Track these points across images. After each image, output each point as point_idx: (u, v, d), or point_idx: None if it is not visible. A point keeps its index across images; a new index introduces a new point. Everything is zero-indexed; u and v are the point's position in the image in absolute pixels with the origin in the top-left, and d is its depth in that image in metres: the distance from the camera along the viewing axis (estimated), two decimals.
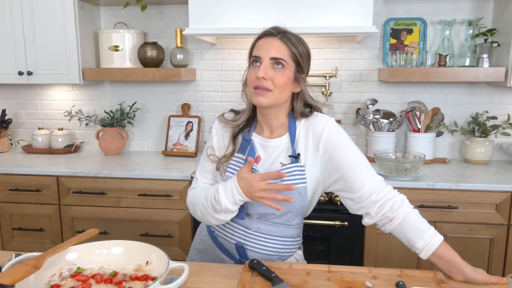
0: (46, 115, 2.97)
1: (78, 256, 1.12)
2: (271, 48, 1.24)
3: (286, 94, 1.28)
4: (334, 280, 1.16)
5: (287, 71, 1.26)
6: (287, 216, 1.33)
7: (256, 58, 1.26)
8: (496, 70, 2.27)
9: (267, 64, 1.24)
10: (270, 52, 1.24)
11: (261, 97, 1.25)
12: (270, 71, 1.24)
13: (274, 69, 1.24)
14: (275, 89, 1.24)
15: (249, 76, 1.28)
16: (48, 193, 2.38)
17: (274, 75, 1.24)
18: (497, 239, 2.11)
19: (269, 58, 1.24)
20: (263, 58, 1.24)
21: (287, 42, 1.25)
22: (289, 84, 1.28)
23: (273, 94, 1.25)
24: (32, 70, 2.57)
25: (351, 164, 1.28)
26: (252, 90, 1.27)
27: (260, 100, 1.25)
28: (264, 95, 1.24)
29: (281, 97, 1.27)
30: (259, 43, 1.28)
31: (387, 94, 2.66)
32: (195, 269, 1.22)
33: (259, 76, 1.23)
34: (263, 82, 1.23)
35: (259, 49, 1.27)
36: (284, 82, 1.25)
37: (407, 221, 1.23)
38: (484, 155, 2.48)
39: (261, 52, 1.25)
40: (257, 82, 1.24)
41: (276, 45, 1.25)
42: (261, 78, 1.23)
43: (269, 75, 1.23)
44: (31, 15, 2.51)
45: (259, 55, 1.25)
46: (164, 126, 2.87)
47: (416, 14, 2.56)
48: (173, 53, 2.62)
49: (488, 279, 1.16)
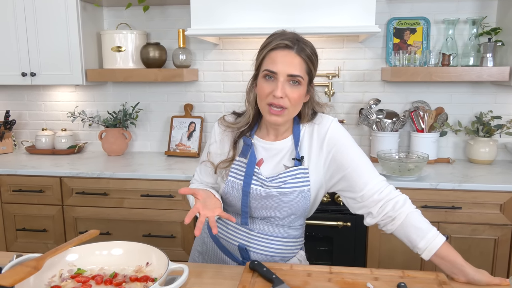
0: (49, 116, 2.98)
1: (78, 257, 1.12)
2: (290, 66, 1.19)
3: (299, 108, 1.27)
4: (335, 281, 1.15)
5: (302, 86, 1.23)
6: (290, 218, 1.33)
7: (271, 73, 1.20)
8: (500, 70, 2.25)
9: (283, 80, 1.19)
10: (288, 70, 1.19)
11: (276, 117, 1.22)
12: (287, 88, 1.20)
13: (290, 86, 1.21)
14: (290, 107, 1.22)
15: (262, 91, 1.22)
16: (51, 194, 2.39)
17: (290, 92, 1.20)
18: (502, 240, 2.09)
19: (287, 75, 1.19)
20: (280, 75, 1.19)
21: (304, 57, 1.21)
22: (303, 98, 1.26)
23: (288, 112, 1.23)
24: (35, 71, 2.58)
25: (353, 164, 1.27)
26: (266, 107, 1.23)
27: (276, 120, 1.23)
28: (280, 116, 1.22)
29: (295, 112, 1.26)
30: (274, 56, 1.21)
31: (390, 94, 2.65)
32: (195, 270, 1.22)
33: (277, 95, 1.18)
34: (280, 100, 1.20)
35: (274, 63, 1.20)
36: (299, 98, 1.23)
37: (409, 221, 1.22)
38: (489, 155, 2.46)
39: (277, 67, 1.19)
40: (272, 99, 1.20)
41: (295, 61, 1.19)
42: (279, 97, 1.19)
43: (285, 92, 1.20)
44: (34, 17, 2.52)
45: (275, 71, 1.19)
46: (167, 126, 2.87)
47: (420, 14, 2.54)
48: (175, 53, 2.62)
49: (490, 280, 1.15)
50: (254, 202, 1.30)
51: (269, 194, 1.28)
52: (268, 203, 1.29)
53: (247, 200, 1.30)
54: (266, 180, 1.28)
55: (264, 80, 1.22)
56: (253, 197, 1.29)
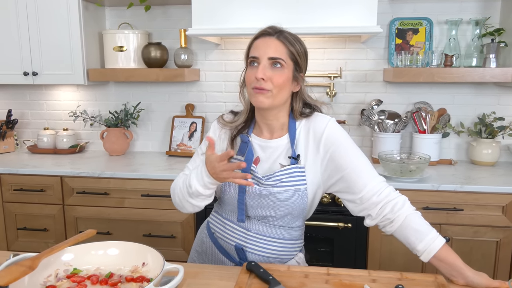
0: (51, 116, 2.99)
1: (74, 257, 1.12)
2: (268, 48, 1.23)
3: (285, 94, 1.27)
4: (332, 283, 1.14)
5: (286, 70, 1.24)
6: (288, 218, 1.32)
7: (253, 58, 1.25)
8: (504, 71, 2.23)
9: (265, 64, 1.22)
10: (268, 52, 1.22)
11: (261, 97, 1.23)
12: (269, 71, 1.22)
13: (273, 69, 1.23)
14: (274, 89, 1.23)
15: (248, 77, 1.27)
16: (52, 193, 2.40)
17: (273, 75, 1.22)
18: (504, 242, 2.07)
19: (267, 58, 1.22)
20: (261, 58, 1.23)
21: (285, 41, 1.24)
22: (288, 84, 1.26)
23: (273, 94, 1.24)
24: (37, 71, 2.59)
25: (352, 164, 1.26)
26: (251, 91, 1.26)
27: (260, 99, 1.24)
28: (264, 95, 1.23)
29: (281, 97, 1.26)
30: (256, 43, 1.26)
31: (392, 94, 2.63)
32: (191, 270, 1.21)
33: (258, 77, 1.21)
34: (262, 83, 1.22)
35: (256, 49, 1.25)
36: (283, 82, 1.24)
37: (408, 223, 1.21)
38: (491, 156, 2.44)
39: (258, 52, 1.24)
40: (255, 83, 1.23)
41: (273, 44, 1.23)
42: (260, 79, 1.21)
43: (267, 75, 1.22)
44: (36, 16, 2.53)
45: (256, 56, 1.24)
46: (168, 126, 2.87)
47: (422, 14, 2.53)
48: (177, 53, 2.62)
49: (490, 283, 1.13)
50: (250, 201, 1.30)
51: (265, 192, 1.27)
52: (264, 202, 1.28)
53: (243, 196, 1.30)
54: (262, 178, 1.28)
55: (250, 68, 1.27)
56: (249, 196, 1.29)
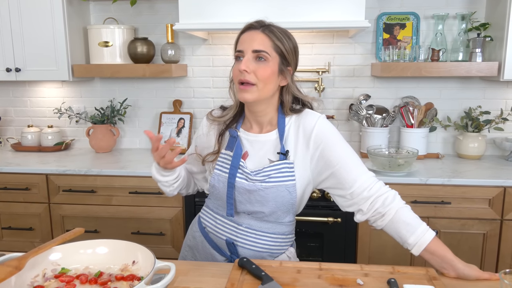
0: (35, 113, 2.93)
1: (62, 256, 1.09)
2: (253, 41, 1.22)
3: (271, 88, 1.26)
4: (325, 278, 1.14)
5: (271, 63, 1.23)
6: (276, 214, 1.31)
7: (239, 52, 1.25)
8: (489, 65, 2.26)
9: (249, 57, 1.22)
10: (252, 45, 1.22)
11: (245, 93, 1.23)
12: (253, 64, 1.22)
13: (257, 62, 1.23)
14: (259, 83, 1.22)
15: (234, 72, 1.27)
16: (38, 192, 2.35)
17: (257, 67, 1.22)
18: (490, 234, 2.10)
19: (251, 51, 1.22)
20: (246, 52, 1.23)
21: (270, 34, 1.23)
22: (274, 77, 1.25)
23: (257, 88, 1.23)
24: (20, 67, 2.53)
25: (342, 160, 1.26)
26: (237, 86, 1.25)
27: (245, 96, 1.23)
28: (248, 91, 1.23)
29: (266, 91, 1.25)
30: (242, 38, 1.26)
31: (380, 89, 2.64)
32: (183, 268, 1.20)
33: (241, 69, 1.21)
34: (246, 75, 1.21)
35: (241, 43, 1.25)
36: (268, 75, 1.23)
37: (398, 216, 1.21)
38: (477, 150, 2.47)
39: (243, 46, 1.24)
40: (240, 76, 1.22)
41: (258, 37, 1.23)
42: (243, 71, 1.21)
43: (251, 68, 1.21)
44: (18, 11, 2.46)
45: (241, 49, 1.24)
46: (156, 123, 2.84)
47: (409, 9, 2.54)
48: (164, 48, 2.59)
49: (480, 275, 1.15)
50: (239, 196, 1.29)
51: (253, 188, 1.27)
52: (252, 197, 1.28)
53: (232, 191, 1.29)
54: (251, 174, 1.28)
55: (236, 63, 1.26)
56: (238, 191, 1.29)
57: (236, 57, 1.27)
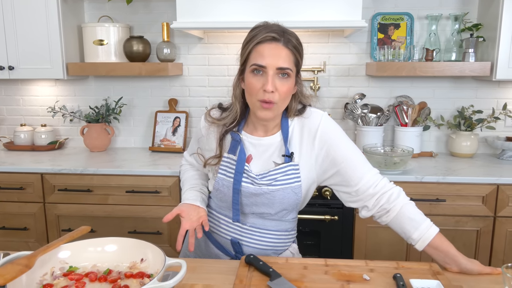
0: (28, 111, 2.89)
1: (70, 254, 1.09)
2: (278, 58, 1.16)
3: (287, 102, 1.25)
4: (331, 273, 1.16)
5: (291, 79, 1.20)
6: (282, 212, 1.32)
7: (260, 67, 1.17)
8: (482, 65, 2.30)
9: (273, 74, 1.16)
10: (277, 63, 1.16)
11: (268, 112, 1.19)
12: (276, 81, 1.17)
13: (280, 79, 1.18)
14: (279, 101, 1.19)
15: (253, 87, 1.18)
16: (32, 191, 2.32)
17: (280, 85, 1.18)
18: (484, 231, 2.15)
19: (276, 68, 1.16)
20: (269, 68, 1.16)
21: (291, 48, 1.18)
22: (291, 91, 1.23)
23: (277, 106, 1.20)
24: (13, 65, 2.49)
25: (347, 158, 1.27)
26: (256, 103, 1.19)
27: (267, 114, 1.20)
28: (270, 110, 1.19)
29: (284, 106, 1.24)
30: (261, 50, 1.17)
31: (375, 88, 2.67)
32: (190, 265, 1.20)
33: (269, 90, 1.15)
34: (271, 95, 1.17)
35: (262, 57, 1.16)
36: (288, 91, 1.21)
37: (403, 212, 1.23)
38: (470, 148, 2.52)
39: (266, 61, 1.16)
40: (263, 95, 1.17)
41: (283, 54, 1.17)
42: (270, 92, 1.16)
43: (275, 86, 1.17)
44: (12, 8, 2.43)
45: (263, 65, 1.16)
46: (151, 121, 2.83)
47: (403, 9, 2.57)
48: (159, 47, 2.58)
49: (482, 269, 1.18)
50: (245, 200, 1.29)
51: (260, 191, 1.26)
52: (259, 200, 1.28)
53: (238, 197, 1.28)
54: (257, 177, 1.27)
55: (253, 75, 1.18)
56: (244, 195, 1.28)
57: (252, 70, 1.18)
